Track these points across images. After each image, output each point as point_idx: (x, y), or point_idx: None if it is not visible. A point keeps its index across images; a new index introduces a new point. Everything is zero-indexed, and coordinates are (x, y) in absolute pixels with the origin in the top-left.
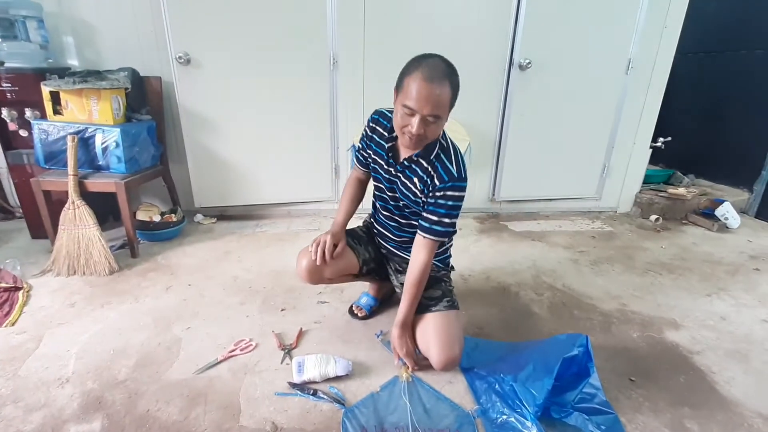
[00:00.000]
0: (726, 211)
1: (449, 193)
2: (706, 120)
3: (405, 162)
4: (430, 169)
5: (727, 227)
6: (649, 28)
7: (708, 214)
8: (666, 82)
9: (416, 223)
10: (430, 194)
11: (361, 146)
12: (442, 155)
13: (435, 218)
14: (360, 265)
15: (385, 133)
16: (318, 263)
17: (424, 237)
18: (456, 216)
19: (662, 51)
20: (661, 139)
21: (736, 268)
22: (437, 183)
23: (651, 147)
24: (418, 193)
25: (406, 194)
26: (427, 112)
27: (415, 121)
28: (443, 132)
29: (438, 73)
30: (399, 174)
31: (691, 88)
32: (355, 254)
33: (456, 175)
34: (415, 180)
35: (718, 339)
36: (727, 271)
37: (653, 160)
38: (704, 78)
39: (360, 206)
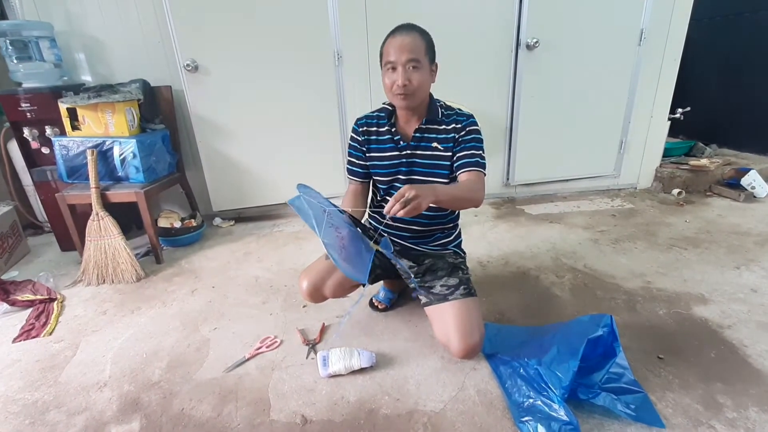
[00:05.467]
0: (752, 180)
1: (472, 127)
2: (726, 86)
3: (416, 135)
4: (444, 125)
5: (754, 196)
6: None
7: (733, 184)
8: (681, 51)
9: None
10: (459, 138)
11: (353, 158)
12: (446, 111)
13: (474, 152)
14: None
15: (383, 123)
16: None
17: (471, 170)
18: (484, 150)
19: (675, 18)
20: (680, 110)
21: (765, 238)
22: (460, 126)
23: (669, 119)
24: (443, 153)
25: (429, 164)
26: (405, 58)
27: (399, 72)
28: (440, 100)
29: (405, 27)
30: (414, 151)
31: (708, 55)
32: None
33: (467, 113)
34: (435, 144)
35: (750, 312)
36: (757, 241)
37: (673, 132)
38: (722, 43)
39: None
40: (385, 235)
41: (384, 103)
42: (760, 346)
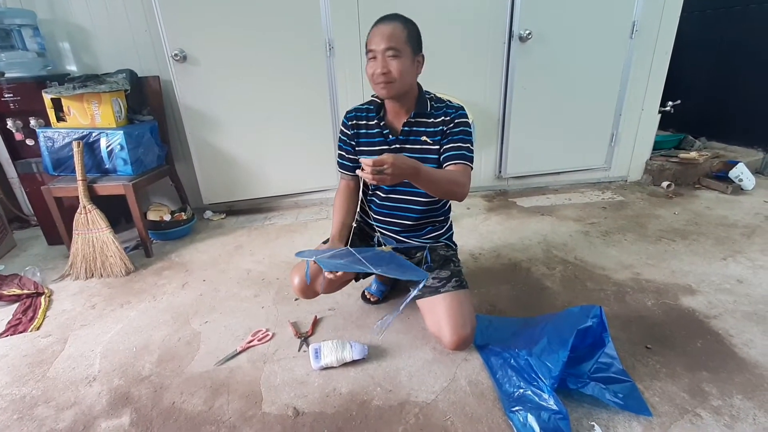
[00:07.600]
0: (740, 173)
1: (461, 120)
2: (717, 80)
3: (405, 128)
4: (433, 118)
5: (741, 189)
6: None
7: (721, 176)
8: (673, 44)
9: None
10: (447, 129)
11: (344, 152)
12: (436, 103)
13: (461, 144)
14: (355, 275)
15: (372, 116)
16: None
17: (456, 162)
18: (472, 143)
19: (667, 11)
20: (670, 103)
21: (752, 230)
22: (448, 118)
23: (660, 112)
24: (431, 147)
25: (418, 158)
26: (383, 46)
27: (378, 60)
28: (429, 92)
29: (387, 17)
30: (403, 145)
31: (699, 48)
32: None
33: (457, 106)
34: (424, 137)
35: (736, 302)
36: (743, 233)
37: (663, 125)
38: (712, 36)
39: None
40: (379, 231)
41: (373, 96)
42: (745, 336)
